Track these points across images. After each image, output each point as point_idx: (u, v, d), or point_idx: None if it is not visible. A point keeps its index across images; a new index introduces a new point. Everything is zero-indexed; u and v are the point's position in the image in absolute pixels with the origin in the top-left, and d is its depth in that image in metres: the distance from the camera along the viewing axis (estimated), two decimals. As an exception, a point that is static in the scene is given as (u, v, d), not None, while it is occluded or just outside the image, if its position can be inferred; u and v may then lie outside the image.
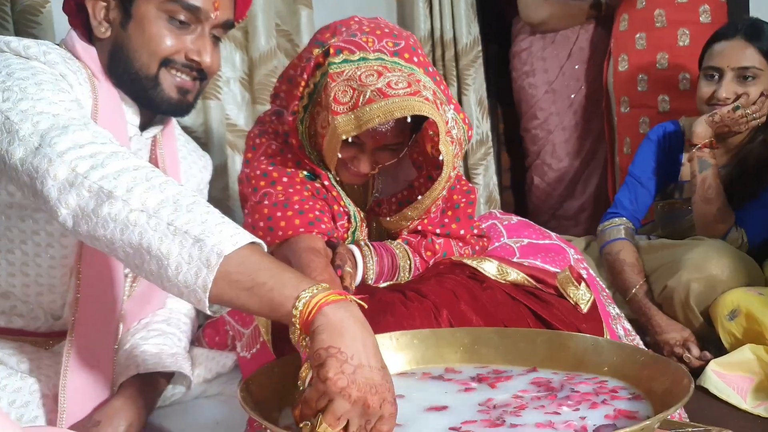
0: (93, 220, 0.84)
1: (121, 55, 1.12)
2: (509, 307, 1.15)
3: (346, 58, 1.12)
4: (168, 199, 0.83)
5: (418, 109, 1.07)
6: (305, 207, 1.17)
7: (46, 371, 1.11)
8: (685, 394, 0.72)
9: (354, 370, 0.70)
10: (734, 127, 1.78)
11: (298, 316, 0.74)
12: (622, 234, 1.89)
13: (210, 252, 0.78)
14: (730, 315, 1.54)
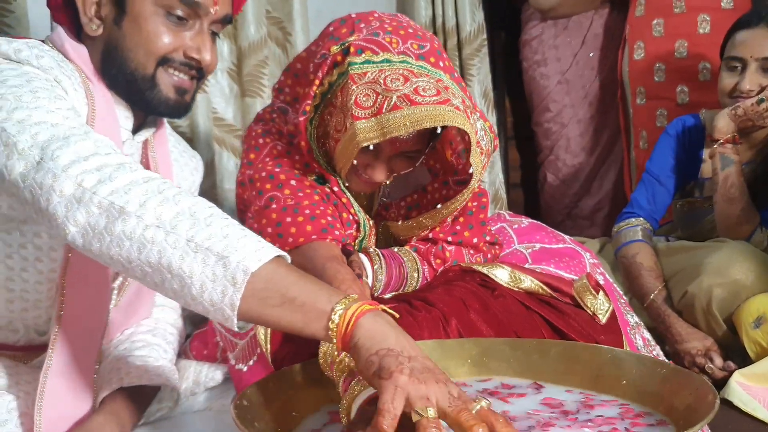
0: (106, 238, 0.84)
1: (116, 55, 1.12)
2: (522, 317, 1.16)
3: (368, 58, 1.11)
4: (184, 212, 0.84)
5: (450, 120, 1.07)
6: (316, 212, 1.17)
7: (25, 387, 1.12)
8: (709, 410, 0.73)
9: (409, 360, 0.74)
10: (758, 121, 1.79)
11: (335, 330, 0.77)
12: (639, 235, 1.90)
13: (235, 269, 0.79)
14: (756, 322, 1.55)
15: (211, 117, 2.12)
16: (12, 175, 0.90)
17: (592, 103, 2.71)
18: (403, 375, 0.72)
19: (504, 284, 1.20)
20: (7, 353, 1.17)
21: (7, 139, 0.92)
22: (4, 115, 0.93)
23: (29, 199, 0.89)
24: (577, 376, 0.99)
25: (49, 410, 1.04)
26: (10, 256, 1.10)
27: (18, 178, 0.90)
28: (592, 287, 1.21)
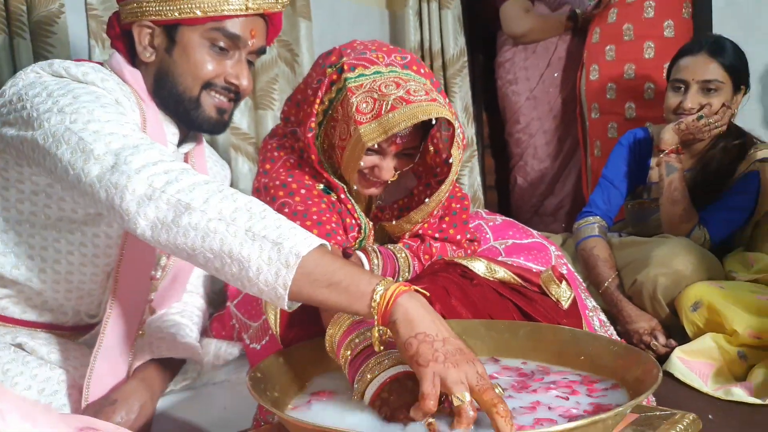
0: (173, 229, 0.85)
1: (167, 79, 1.13)
2: (496, 303, 1.17)
3: (361, 72, 1.12)
4: (241, 208, 0.85)
5: (441, 113, 1.08)
6: (323, 218, 1.16)
7: (73, 362, 1.12)
8: (654, 382, 0.74)
9: (443, 344, 0.75)
10: (698, 135, 1.81)
11: (376, 308, 0.78)
12: (596, 231, 1.92)
13: (288, 254, 0.80)
14: (693, 306, 1.56)
15: (230, 127, 2.11)
16: (88, 178, 0.91)
17: (556, 116, 2.73)
18: (438, 363, 0.73)
19: (481, 275, 1.20)
20: (57, 332, 1.18)
21: (84, 146, 0.92)
22: (81, 126, 0.94)
23: (103, 198, 0.90)
24: (542, 352, 1.00)
25: (96, 385, 1.05)
26: (71, 252, 1.11)
27: (95, 179, 0.90)
28: (556, 278, 1.22)
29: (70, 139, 0.93)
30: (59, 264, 1.11)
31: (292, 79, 2.26)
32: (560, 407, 0.79)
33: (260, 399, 0.78)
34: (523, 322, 1.13)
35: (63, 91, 1.00)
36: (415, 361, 0.75)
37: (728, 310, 1.48)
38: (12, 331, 1.14)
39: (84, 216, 1.08)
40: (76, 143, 0.93)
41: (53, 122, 0.95)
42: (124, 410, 1.02)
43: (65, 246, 1.10)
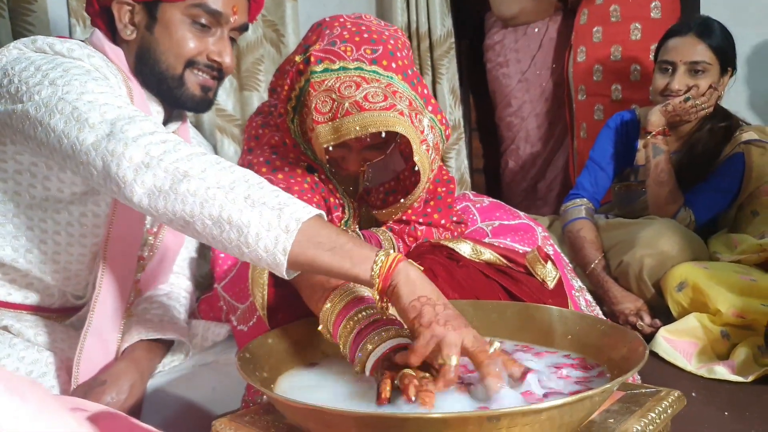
0: (171, 196, 0.84)
1: (148, 57, 1.12)
2: (482, 284, 1.17)
3: (327, 67, 1.09)
4: (239, 179, 0.85)
5: (392, 125, 1.06)
6: (304, 197, 1.15)
7: (60, 345, 1.12)
8: (640, 360, 0.75)
9: (444, 308, 0.78)
10: (685, 117, 1.82)
11: (378, 272, 0.79)
12: (583, 213, 1.93)
13: (289, 219, 0.80)
14: (679, 287, 1.58)
15: (214, 108, 2.08)
16: (83, 146, 0.90)
17: (548, 99, 2.73)
18: (439, 325, 0.75)
19: (467, 257, 1.20)
20: (44, 314, 1.17)
21: (78, 115, 0.91)
22: (75, 96, 0.93)
23: (99, 167, 0.88)
24: (530, 332, 1.00)
25: (86, 363, 1.05)
26: (58, 232, 1.10)
27: (90, 147, 0.89)
28: (542, 258, 1.23)
29: (63, 109, 0.92)
30: (45, 244, 1.10)
31: (277, 60, 2.23)
32: (546, 387, 0.80)
33: (249, 379, 0.78)
34: (511, 302, 1.13)
35: (52, 65, 0.98)
36: (418, 322, 0.76)
37: (712, 290, 1.49)
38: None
39: (70, 195, 1.07)
40: (70, 112, 0.92)
41: (45, 94, 0.94)
42: (114, 391, 1.02)
43: (51, 226, 1.09)
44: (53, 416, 0.45)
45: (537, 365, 0.85)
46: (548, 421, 0.65)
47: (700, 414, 1.17)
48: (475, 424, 0.63)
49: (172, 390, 1.18)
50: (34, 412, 0.43)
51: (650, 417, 0.78)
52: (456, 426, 0.64)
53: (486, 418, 0.63)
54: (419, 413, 0.69)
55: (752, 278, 1.51)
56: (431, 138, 1.16)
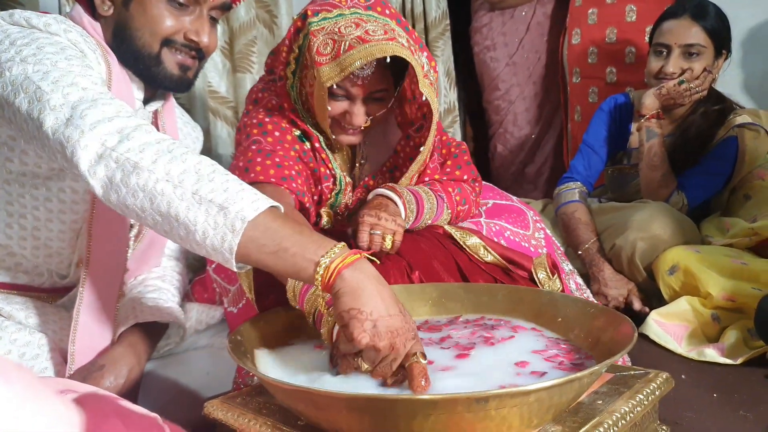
0: (122, 190, 0.83)
1: (124, 34, 1.09)
2: (478, 274, 1.18)
3: (324, 16, 1.11)
4: (190, 169, 0.83)
5: (397, 51, 1.07)
6: (285, 163, 1.16)
7: (52, 326, 1.11)
8: (629, 341, 0.75)
9: (374, 324, 0.74)
10: (679, 100, 1.81)
11: (320, 280, 0.76)
12: (577, 197, 1.92)
13: (234, 218, 0.78)
14: (670, 270, 1.58)
15: (207, 90, 2.07)
16: (43, 128, 0.89)
17: (536, 82, 2.72)
18: (361, 343, 0.73)
19: (473, 253, 1.21)
20: (34, 294, 1.16)
21: (41, 95, 0.90)
22: (40, 76, 0.92)
23: (59, 150, 0.88)
24: (521, 314, 1.00)
25: (80, 342, 1.04)
26: (36, 208, 1.09)
27: (49, 131, 0.88)
28: (549, 268, 1.23)
29: (28, 88, 0.91)
30: (25, 219, 1.09)
31: (270, 41, 2.21)
32: (535, 368, 0.80)
33: (240, 361, 0.78)
34: (502, 284, 1.14)
35: (27, 40, 0.97)
36: (343, 330, 0.76)
37: (703, 273, 1.50)
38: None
39: (48, 171, 1.06)
40: (33, 92, 0.91)
41: (14, 72, 0.93)
42: (113, 375, 1.02)
43: (30, 201, 1.08)
44: (40, 399, 0.44)
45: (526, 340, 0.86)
46: (537, 402, 0.66)
47: (689, 396, 1.18)
48: (464, 405, 0.63)
49: (166, 373, 1.19)
50: (20, 395, 0.43)
51: (638, 398, 0.79)
52: (445, 407, 0.64)
53: (474, 399, 0.63)
54: (409, 395, 0.69)
55: (743, 262, 1.51)
56: (431, 76, 1.17)
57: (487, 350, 0.84)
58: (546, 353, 0.84)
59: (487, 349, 0.85)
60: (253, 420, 0.79)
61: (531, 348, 0.85)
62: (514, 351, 0.84)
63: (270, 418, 0.79)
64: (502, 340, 0.88)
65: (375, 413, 0.67)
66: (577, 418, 0.74)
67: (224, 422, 0.82)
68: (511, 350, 0.84)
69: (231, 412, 0.82)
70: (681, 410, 1.11)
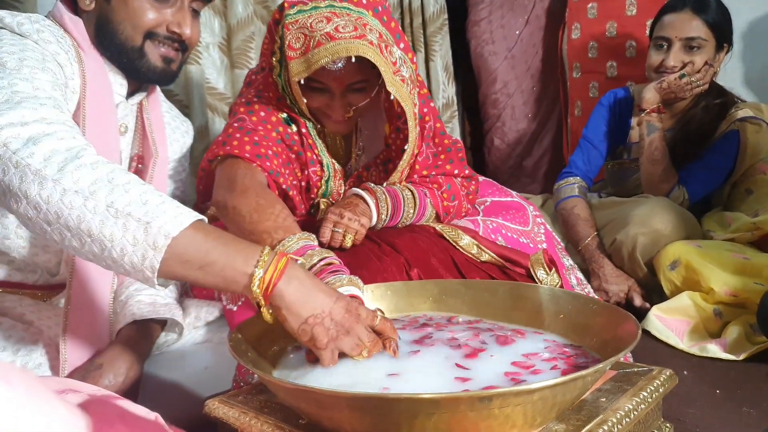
0: (22, 200, 0.76)
1: (107, 28, 1.10)
2: (474, 272, 1.17)
3: (300, 9, 1.11)
4: (102, 179, 0.77)
5: (362, 52, 1.07)
6: (263, 142, 1.17)
7: (47, 322, 1.11)
8: (633, 339, 0.74)
9: (332, 317, 0.76)
10: (680, 94, 1.80)
11: (259, 293, 0.76)
12: (576, 192, 1.92)
13: (156, 234, 0.74)
14: (672, 265, 1.58)
15: (205, 86, 2.06)
16: None
17: (534, 75, 2.71)
18: (334, 341, 0.75)
19: (468, 254, 1.21)
20: (29, 292, 1.15)
21: None
22: None
23: None
24: (522, 311, 0.99)
25: (72, 339, 1.04)
26: None
27: None
28: (546, 263, 1.22)
29: None
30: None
31: (269, 37, 2.20)
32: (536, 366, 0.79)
33: (241, 359, 0.78)
34: (503, 281, 1.13)
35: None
36: (314, 345, 0.76)
37: (705, 268, 1.49)
38: None
39: None
40: None
41: None
42: (112, 374, 1.01)
43: None
44: (43, 402, 0.44)
45: (530, 344, 0.85)
46: (540, 401, 0.65)
47: (691, 392, 1.18)
48: (467, 404, 0.63)
49: (165, 369, 1.18)
50: (23, 399, 0.42)
51: (642, 396, 0.78)
52: (447, 406, 0.63)
53: (478, 398, 0.62)
54: (411, 394, 0.68)
55: (745, 257, 1.51)
56: (406, 71, 1.16)
57: (496, 349, 0.83)
58: (549, 351, 0.83)
59: (496, 349, 0.84)
60: (255, 419, 0.78)
61: (533, 346, 0.85)
62: (517, 351, 0.83)
63: (271, 417, 0.78)
64: (505, 343, 0.86)
65: (377, 412, 0.66)
66: (581, 416, 0.73)
67: (225, 421, 0.81)
68: (514, 350, 0.83)
69: (232, 411, 0.81)
70: (683, 407, 1.11)
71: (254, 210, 1.01)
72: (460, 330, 0.91)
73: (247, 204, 1.02)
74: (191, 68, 2.00)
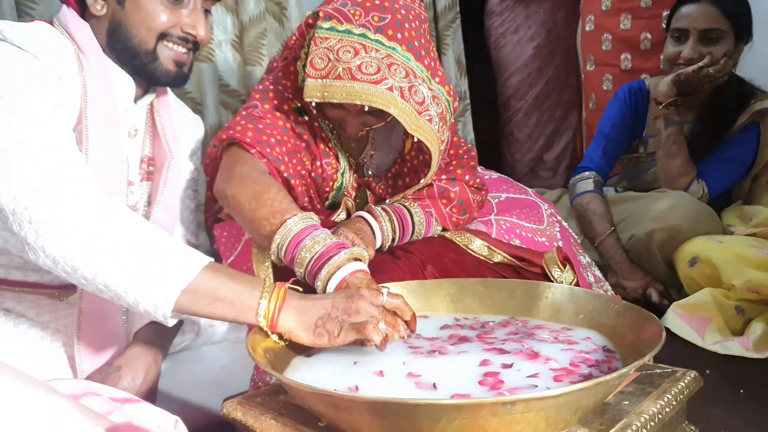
0: (40, 254, 0.83)
1: (120, 33, 1.10)
2: (491, 273, 1.16)
3: (333, 26, 1.10)
4: (111, 233, 0.82)
5: (378, 102, 1.06)
6: (266, 130, 1.16)
7: (64, 321, 1.11)
8: (657, 341, 0.73)
9: (335, 308, 0.83)
10: (697, 87, 1.77)
11: (266, 323, 0.83)
12: (592, 186, 1.90)
13: (166, 286, 0.81)
14: (691, 262, 1.56)
15: (218, 84, 2.06)
16: None
17: (558, 66, 2.68)
18: (346, 329, 0.81)
19: (480, 257, 1.20)
20: (46, 291, 1.16)
21: None
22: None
23: None
24: (541, 310, 0.99)
25: (86, 337, 1.04)
26: None
27: None
28: (560, 261, 1.21)
29: None
30: None
31: (280, 33, 2.19)
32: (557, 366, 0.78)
33: (261, 362, 0.77)
34: (521, 280, 1.12)
35: None
36: (334, 341, 0.81)
37: (726, 264, 1.47)
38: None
39: None
40: None
41: None
42: (130, 376, 1.02)
43: None
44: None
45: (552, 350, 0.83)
46: (564, 405, 0.64)
47: (714, 392, 1.15)
48: (490, 409, 0.62)
49: (182, 369, 1.19)
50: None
51: (666, 399, 0.76)
52: (469, 412, 0.62)
53: (501, 403, 0.61)
54: (432, 399, 0.68)
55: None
56: (434, 109, 1.14)
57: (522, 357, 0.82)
58: (570, 353, 0.82)
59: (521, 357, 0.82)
60: (273, 420, 0.78)
61: (557, 348, 0.83)
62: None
63: (290, 419, 0.78)
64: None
65: (397, 417, 0.65)
66: (604, 419, 0.72)
67: (243, 423, 0.81)
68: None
69: (250, 413, 0.81)
70: (707, 407, 1.09)
71: (252, 197, 1.01)
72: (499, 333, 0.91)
73: (245, 192, 1.03)
74: (204, 66, 2.00)
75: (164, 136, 1.20)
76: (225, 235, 1.22)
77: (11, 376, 0.45)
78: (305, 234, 0.94)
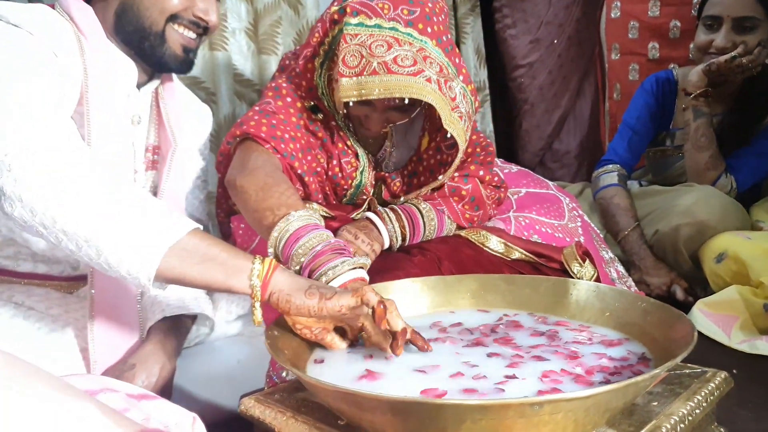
0: (16, 204, 0.79)
1: (131, 14, 1.10)
2: (508, 269, 1.16)
3: (362, 21, 1.09)
4: (98, 186, 0.80)
5: (417, 93, 1.05)
6: (280, 127, 1.17)
7: (74, 314, 1.12)
8: (688, 341, 0.72)
9: (329, 288, 0.80)
10: (729, 77, 1.74)
11: (260, 283, 0.80)
12: (616, 180, 1.88)
13: (156, 238, 0.78)
14: (718, 258, 1.54)
15: (232, 73, 2.06)
16: None
17: (561, 54, 2.65)
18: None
19: (496, 254, 1.19)
20: (55, 284, 1.17)
21: None
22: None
23: None
24: (565, 308, 0.98)
25: (99, 330, 1.05)
26: None
27: None
28: (579, 256, 1.20)
29: None
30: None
31: (295, 22, 2.19)
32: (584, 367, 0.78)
33: (279, 358, 0.77)
34: (545, 276, 1.11)
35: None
36: (324, 303, 0.79)
37: (755, 261, 1.45)
38: (8, 289, 1.13)
39: None
40: None
41: None
42: (144, 374, 1.02)
43: None
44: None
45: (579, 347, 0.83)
46: (594, 406, 0.63)
47: (743, 393, 1.14)
48: (517, 410, 0.61)
49: (197, 364, 1.19)
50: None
51: (696, 400, 0.76)
52: (495, 413, 0.62)
53: (529, 405, 0.61)
54: (457, 400, 0.67)
55: (798, 249, 1.46)
56: (464, 106, 1.13)
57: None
58: (597, 354, 0.81)
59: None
60: (292, 419, 0.78)
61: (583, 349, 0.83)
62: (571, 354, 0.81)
63: (309, 417, 0.78)
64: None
65: (421, 417, 0.65)
66: (632, 421, 0.72)
67: (261, 420, 0.81)
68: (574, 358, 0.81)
69: (268, 410, 0.81)
70: (736, 408, 1.08)
71: (260, 189, 1.01)
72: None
73: (255, 183, 1.03)
74: (218, 54, 2.00)
75: (168, 124, 1.21)
76: (242, 227, 1.22)
77: (41, 381, 0.45)
78: (305, 231, 0.93)
